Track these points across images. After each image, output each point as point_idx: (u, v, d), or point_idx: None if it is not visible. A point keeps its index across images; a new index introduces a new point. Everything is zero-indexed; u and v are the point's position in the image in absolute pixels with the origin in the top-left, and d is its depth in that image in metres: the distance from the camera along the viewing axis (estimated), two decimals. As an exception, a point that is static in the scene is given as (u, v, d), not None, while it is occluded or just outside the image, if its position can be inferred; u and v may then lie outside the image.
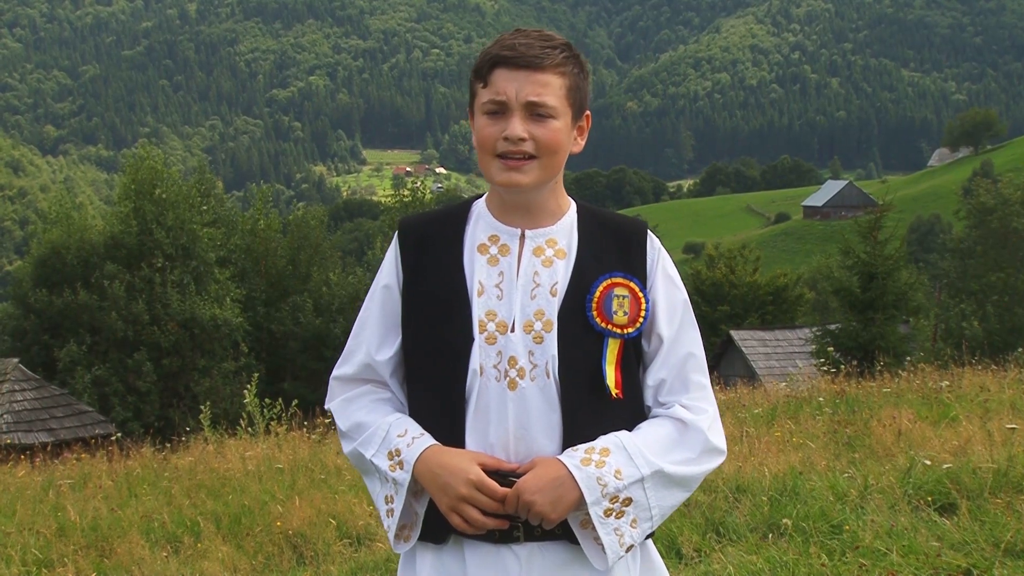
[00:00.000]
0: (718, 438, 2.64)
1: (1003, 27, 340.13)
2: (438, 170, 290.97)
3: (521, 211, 2.66)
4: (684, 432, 2.60)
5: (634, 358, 2.65)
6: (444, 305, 2.63)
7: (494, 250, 2.65)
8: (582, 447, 2.54)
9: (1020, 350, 16.65)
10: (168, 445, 14.25)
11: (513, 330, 2.58)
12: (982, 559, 5.29)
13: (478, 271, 2.63)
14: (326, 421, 13.03)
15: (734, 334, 35.75)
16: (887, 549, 5.48)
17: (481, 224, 2.69)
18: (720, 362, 34.95)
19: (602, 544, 2.52)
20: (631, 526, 2.54)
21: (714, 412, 2.66)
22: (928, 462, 6.89)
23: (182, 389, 30.24)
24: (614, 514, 2.52)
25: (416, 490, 2.61)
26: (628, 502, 2.53)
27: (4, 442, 19.76)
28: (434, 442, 2.58)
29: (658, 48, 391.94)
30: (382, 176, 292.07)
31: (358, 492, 8.30)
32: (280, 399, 12.86)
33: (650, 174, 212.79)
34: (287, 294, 36.01)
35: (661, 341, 2.66)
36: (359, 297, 35.46)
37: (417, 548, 2.66)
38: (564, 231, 2.67)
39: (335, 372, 2.79)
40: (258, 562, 7.01)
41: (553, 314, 2.59)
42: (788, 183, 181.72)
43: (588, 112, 2.69)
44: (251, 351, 32.57)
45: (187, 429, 15.68)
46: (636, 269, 2.66)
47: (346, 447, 2.74)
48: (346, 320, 34.80)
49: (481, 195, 2.77)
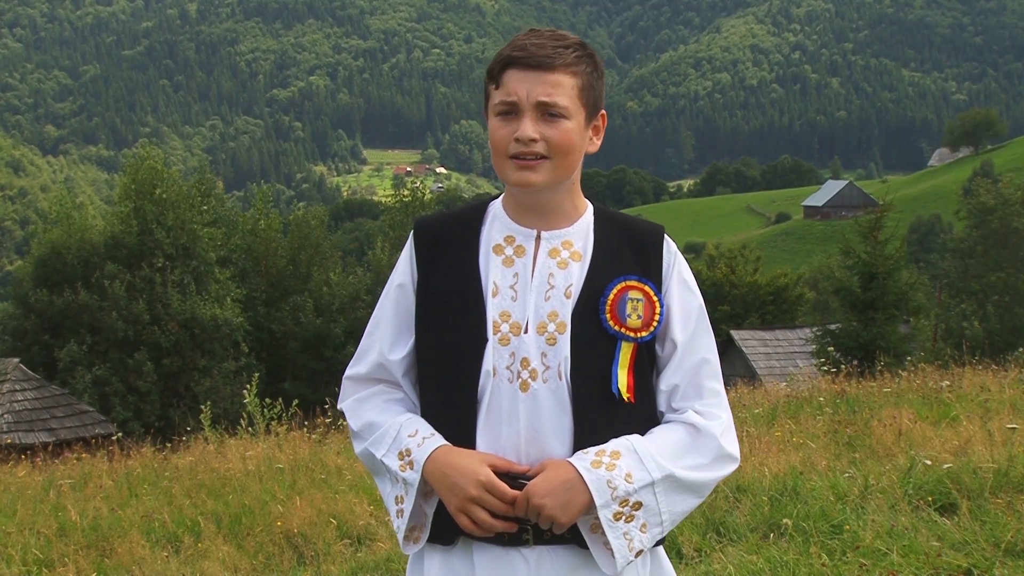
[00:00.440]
0: (731, 445, 2.62)
1: (1003, 27, 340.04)
2: (438, 170, 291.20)
3: (536, 212, 2.65)
4: (697, 438, 2.59)
5: (647, 363, 2.64)
6: (458, 305, 2.61)
7: (509, 251, 2.63)
8: (593, 450, 2.52)
9: (1021, 350, 16.66)
10: (168, 445, 14.25)
11: (526, 331, 2.57)
12: (983, 559, 5.29)
13: (493, 272, 2.62)
14: (326, 421, 13.04)
15: (734, 334, 35.74)
16: (887, 549, 5.48)
17: (497, 225, 2.67)
18: (720, 362, 34.73)
19: (611, 548, 2.50)
20: (641, 531, 2.52)
21: (728, 419, 2.65)
22: (928, 462, 6.89)
23: (182, 389, 30.23)
24: (624, 518, 2.50)
25: (426, 491, 2.60)
26: (638, 506, 2.51)
27: (5, 442, 19.77)
28: (445, 442, 2.57)
29: (658, 48, 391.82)
30: (382, 176, 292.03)
31: (358, 492, 8.31)
32: (280, 399, 12.85)
33: (650, 174, 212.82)
34: (287, 294, 35.99)
35: (675, 346, 2.65)
36: (359, 297, 35.52)
37: (425, 550, 2.66)
38: (580, 233, 2.66)
39: (348, 372, 2.78)
40: (258, 562, 7.01)
41: (567, 316, 2.57)
42: (788, 183, 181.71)
43: (603, 112, 2.67)
44: (251, 351, 32.55)
45: (187, 429, 15.65)
46: (651, 273, 2.65)
47: (357, 447, 2.73)
48: (346, 320, 34.82)
49: (498, 195, 2.76)
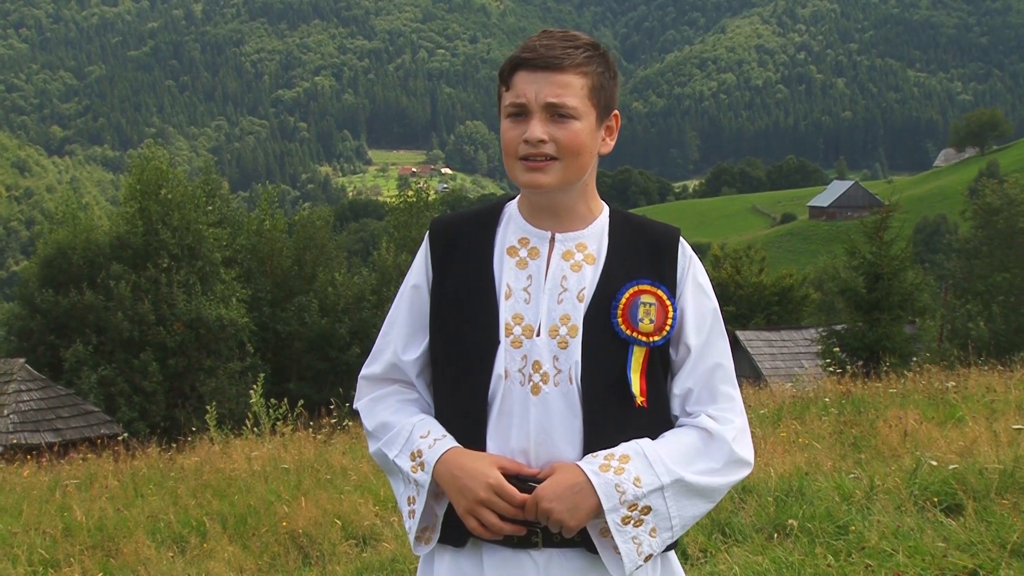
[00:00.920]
0: (744, 450, 2.60)
1: (1009, 27, 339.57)
2: (443, 170, 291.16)
3: (550, 214, 2.63)
4: (709, 442, 2.57)
5: (660, 367, 2.62)
6: (471, 307, 2.61)
7: (523, 253, 2.62)
8: (602, 453, 2.51)
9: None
10: (174, 445, 14.28)
11: (539, 334, 2.56)
12: (988, 560, 5.28)
13: (507, 274, 2.61)
14: (331, 421, 13.06)
15: (740, 334, 35.68)
16: (893, 550, 5.47)
17: (512, 226, 2.67)
18: (726, 363, 34.82)
19: (620, 552, 2.49)
20: (650, 535, 2.51)
21: (742, 424, 2.62)
22: (934, 463, 6.87)
23: (188, 389, 30.26)
24: (632, 522, 2.49)
25: (437, 492, 2.59)
26: (647, 511, 2.49)
27: (10, 442, 19.80)
28: (456, 444, 2.57)
29: (663, 48, 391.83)
30: (387, 176, 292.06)
31: (364, 492, 8.32)
32: (286, 399, 12.90)
33: (655, 174, 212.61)
34: (293, 294, 35.99)
35: (689, 350, 2.62)
36: (364, 297, 35.53)
37: (435, 551, 2.66)
38: (595, 236, 2.64)
39: (363, 371, 2.78)
40: (264, 562, 7.01)
41: (579, 319, 2.56)
42: (794, 183, 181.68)
43: (616, 112, 2.65)
44: (257, 351, 32.57)
45: (193, 429, 15.69)
46: (665, 277, 2.62)
47: (372, 446, 2.73)
48: (351, 320, 34.84)
49: (514, 196, 2.75)
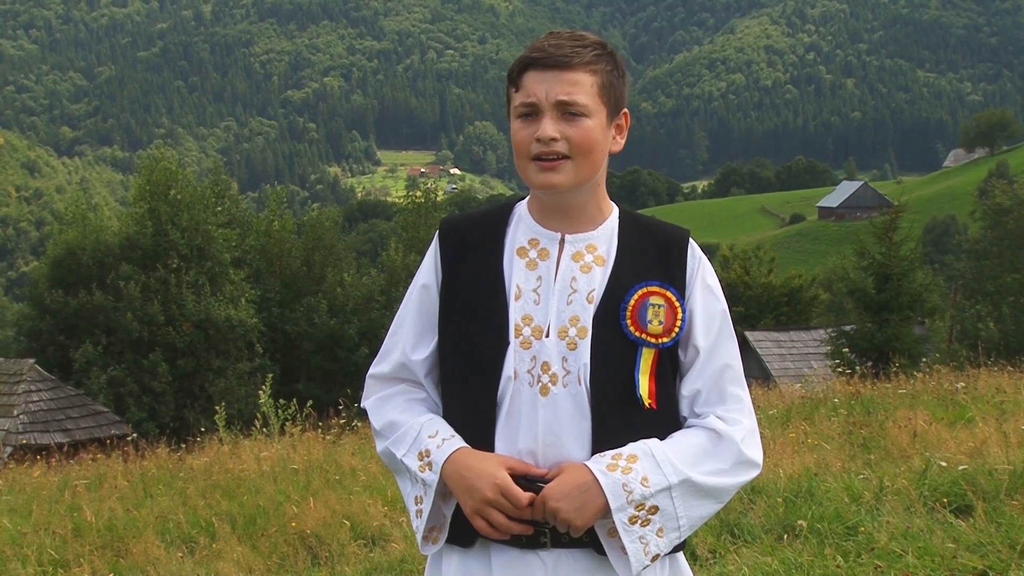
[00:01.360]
0: (753, 451, 2.60)
1: (1019, 27, 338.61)
2: (452, 171, 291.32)
3: (561, 214, 2.63)
4: (717, 443, 2.57)
5: (669, 368, 2.62)
6: (481, 308, 2.61)
7: (533, 254, 2.62)
8: (609, 453, 2.51)
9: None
10: (183, 446, 14.27)
11: (548, 335, 2.56)
12: (998, 561, 5.27)
13: (516, 275, 2.61)
14: (340, 422, 13.07)
15: (749, 335, 35.66)
16: (903, 551, 5.47)
17: (522, 227, 2.67)
18: (735, 364, 34.79)
19: (628, 552, 2.49)
20: (657, 535, 2.51)
21: (750, 425, 2.62)
22: (944, 463, 6.87)
23: (197, 390, 30.28)
24: (639, 522, 2.49)
25: (445, 492, 2.60)
26: (654, 510, 2.49)
27: (20, 442, 19.84)
28: (464, 444, 2.57)
29: (672, 49, 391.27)
30: (396, 177, 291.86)
31: (372, 493, 8.32)
32: (295, 400, 12.90)
33: (664, 175, 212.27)
34: (301, 295, 35.99)
35: (697, 352, 2.62)
36: (373, 298, 35.54)
37: (443, 551, 2.66)
38: (604, 237, 2.64)
39: (371, 370, 2.79)
40: (273, 562, 7.02)
41: (588, 321, 2.56)
42: (803, 184, 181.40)
43: (626, 110, 2.65)
44: (266, 352, 32.57)
45: (202, 430, 15.67)
46: (675, 278, 2.62)
47: (379, 446, 2.73)
48: (360, 321, 34.85)
49: (523, 197, 2.75)
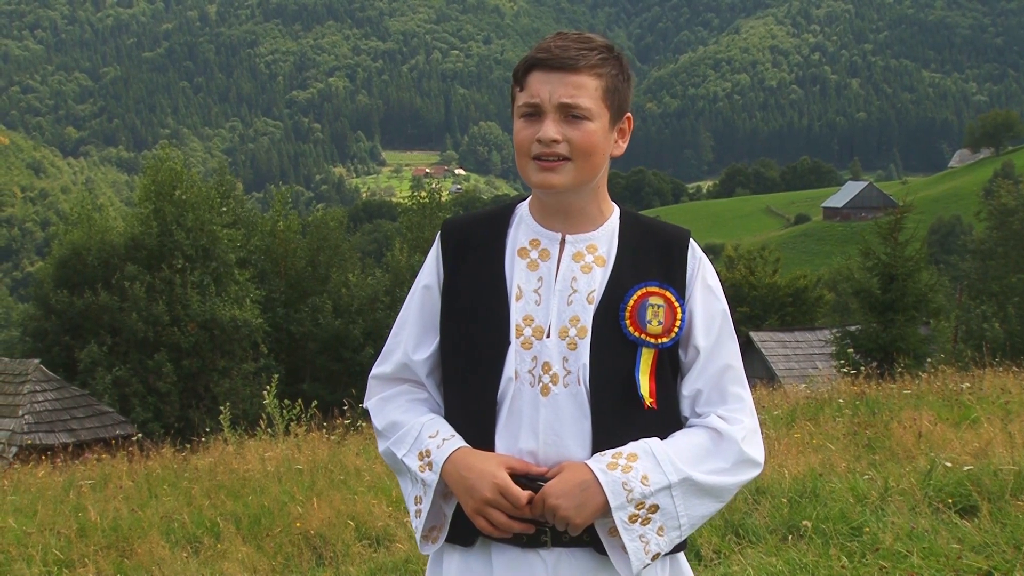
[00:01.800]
0: (754, 450, 2.60)
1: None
2: (457, 171, 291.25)
3: (561, 215, 2.64)
4: (718, 442, 2.57)
5: (669, 368, 2.63)
6: (482, 308, 2.62)
7: (534, 255, 2.63)
8: (610, 452, 2.52)
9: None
10: (188, 446, 14.29)
11: (549, 336, 2.57)
12: (1003, 561, 5.26)
13: (517, 275, 2.62)
14: (345, 422, 13.06)
15: (753, 335, 35.63)
16: (907, 551, 5.46)
17: (523, 228, 2.68)
18: (740, 364, 34.73)
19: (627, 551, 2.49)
20: (658, 534, 2.51)
21: (752, 424, 2.62)
22: (949, 464, 6.86)
23: (202, 390, 30.30)
24: (639, 520, 2.49)
25: (445, 492, 2.60)
26: (655, 509, 2.50)
27: (25, 443, 19.85)
28: (464, 444, 2.57)
29: (677, 49, 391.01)
30: (401, 177, 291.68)
31: (377, 493, 8.32)
32: (299, 400, 12.91)
33: (669, 175, 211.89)
34: (306, 295, 36.03)
35: (698, 352, 2.63)
36: (378, 298, 35.55)
37: (444, 550, 2.67)
38: (605, 237, 2.65)
39: (374, 371, 2.80)
40: (277, 563, 7.02)
41: (588, 321, 2.57)
42: (808, 184, 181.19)
43: (629, 114, 2.66)
44: (270, 352, 32.59)
45: (207, 430, 15.69)
46: (675, 278, 2.63)
47: (381, 446, 2.74)
48: (365, 321, 34.85)
49: (525, 197, 2.76)
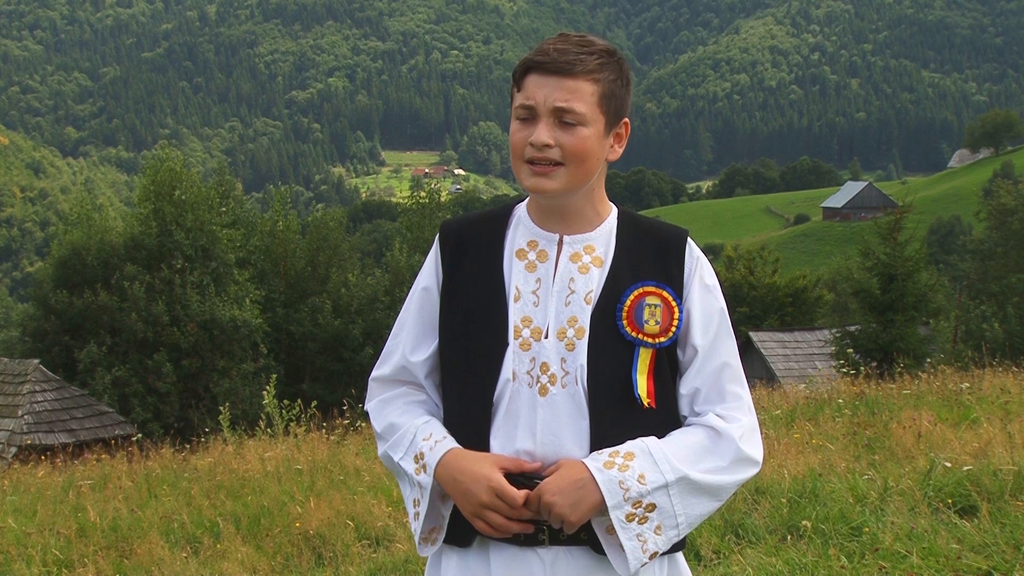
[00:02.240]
0: (752, 448, 2.60)
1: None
2: (457, 171, 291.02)
3: (558, 216, 2.65)
4: (716, 441, 2.57)
5: (668, 367, 2.63)
6: (480, 309, 2.62)
7: (532, 256, 2.64)
8: (607, 451, 2.52)
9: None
10: (188, 446, 14.31)
11: (547, 337, 2.57)
12: (1003, 562, 5.26)
13: (515, 276, 2.62)
14: (344, 422, 13.07)
15: (753, 335, 35.64)
16: (907, 551, 5.46)
17: (521, 229, 2.68)
18: (739, 364, 34.74)
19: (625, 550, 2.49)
20: (655, 533, 2.51)
21: (750, 423, 2.62)
22: (948, 464, 6.86)
23: (202, 390, 30.28)
24: (637, 519, 2.49)
25: (442, 493, 2.61)
26: (652, 508, 2.50)
27: (25, 443, 19.85)
28: (455, 445, 2.57)
29: (677, 49, 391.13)
30: (401, 178, 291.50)
31: (377, 493, 8.32)
32: (299, 400, 12.93)
33: (669, 175, 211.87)
34: (306, 295, 36.01)
35: (696, 351, 2.63)
36: (377, 298, 35.54)
37: (443, 550, 2.67)
38: (602, 238, 2.65)
39: (373, 373, 2.80)
40: (277, 563, 7.02)
41: (585, 322, 2.57)
42: (807, 184, 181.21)
43: (627, 120, 2.65)
44: (270, 352, 32.56)
45: (206, 430, 15.69)
46: (672, 278, 2.63)
47: (380, 448, 2.75)
48: (365, 321, 34.84)
49: (524, 198, 2.76)
